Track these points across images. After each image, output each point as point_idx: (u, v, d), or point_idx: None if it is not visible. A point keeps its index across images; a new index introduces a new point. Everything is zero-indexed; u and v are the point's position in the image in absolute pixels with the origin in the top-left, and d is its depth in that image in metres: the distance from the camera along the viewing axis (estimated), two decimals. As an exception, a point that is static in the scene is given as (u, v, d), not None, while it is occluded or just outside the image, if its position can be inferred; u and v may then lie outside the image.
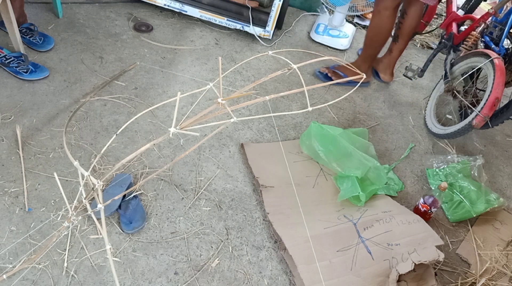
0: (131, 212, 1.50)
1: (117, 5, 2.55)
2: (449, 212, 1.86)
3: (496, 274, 1.67)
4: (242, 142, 1.91)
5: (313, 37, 2.73)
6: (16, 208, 1.47)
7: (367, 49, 2.29)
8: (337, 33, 2.73)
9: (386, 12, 2.08)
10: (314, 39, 2.72)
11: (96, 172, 1.64)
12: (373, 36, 2.22)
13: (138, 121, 1.87)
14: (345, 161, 1.81)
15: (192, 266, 1.45)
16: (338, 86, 2.41)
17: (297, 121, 2.12)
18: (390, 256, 1.49)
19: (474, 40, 2.25)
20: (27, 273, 1.31)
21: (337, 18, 2.73)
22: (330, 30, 2.74)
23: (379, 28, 2.16)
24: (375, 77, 2.54)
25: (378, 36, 2.20)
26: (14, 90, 1.87)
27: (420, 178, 2.02)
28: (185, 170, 1.74)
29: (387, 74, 2.50)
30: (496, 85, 1.88)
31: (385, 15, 2.09)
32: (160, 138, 0.98)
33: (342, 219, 1.64)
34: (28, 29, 2.09)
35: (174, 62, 2.26)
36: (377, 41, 2.23)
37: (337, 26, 2.75)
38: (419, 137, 2.25)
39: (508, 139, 2.43)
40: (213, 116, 1.01)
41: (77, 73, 2.04)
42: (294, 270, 1.46)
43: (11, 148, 1.64)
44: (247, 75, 2.32)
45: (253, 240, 1.58)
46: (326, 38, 2.72)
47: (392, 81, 2.54)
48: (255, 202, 1.70)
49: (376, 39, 2.22)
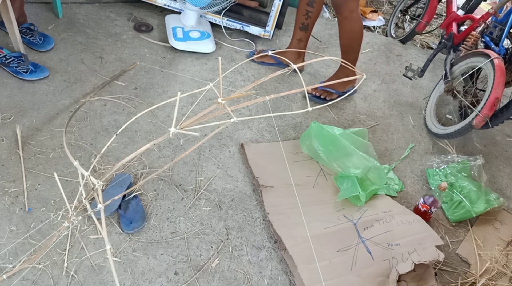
0: (131, 212, 1.50)
1: (117, 5, 2.55)
2: (449, 212, 1.86)
3: (496, 274, 1.67)
4: (242, 142, 1.91)
5: (174, 45, 2.26)
6: (16, 208, 1.47)
7: (348, 55, 2.15)
8: (197, 35, 2.29)
9: (353, 14, 1.99)
10: (176, 47, 2.26)
11: (96, 172, 1.64)
12: (349, 41, 2.11)
13: (138, 121, 1.87)
14: (345, 161, 1.81)
15: (192, 266, 1.45)
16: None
17: (297, 121, 2.12)
18: (390, 256, 1.49)
19: (474, 40, 2.25)
20: (27, 273, 1.31)
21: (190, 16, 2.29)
22: (190, 32, 2.29)
23: (352, 32, 2.06)
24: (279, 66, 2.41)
25: (354, 40, 2.10)
26: (14, 90, 1.87)
27: (420, 178, 2.02)
28: (185, 170, 1.74)
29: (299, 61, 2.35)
30: (496, 85, 1.88)
31: (354, 17, 2.00)
32: (160, 138, 0.98)
33: (342, 219, 1.64)
34: (28, 29, 2.09)
35: (174, 62, 2.26)
36: (355, 45, 2.13)
37: (194, 26, 2.32)
38: (419, 137, 2.25)
39: (508, 139, 2.43)
40: (213, 116, 1.01)
41: (77, 73, 2.04)
42: (294, 270, 1.46)
43: (11, 148, 1.64)
44: (247, 75, 2.32)
45: (253, 240, 1.58)
46: (191, 44, 2.26)
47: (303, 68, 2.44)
48: (255, 202, 1.70)
49: (353, 43, 2.12)
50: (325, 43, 2.77)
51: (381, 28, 3.33)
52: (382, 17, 3.42)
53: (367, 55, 2.77)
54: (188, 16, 2.32)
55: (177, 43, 2.26)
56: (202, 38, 2.31)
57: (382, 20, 3.38)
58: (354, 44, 2.12)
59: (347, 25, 2.03)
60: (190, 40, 2.27)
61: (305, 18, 2.18)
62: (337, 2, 2.00)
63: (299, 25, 2.22)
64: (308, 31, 2.25)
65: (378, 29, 3.31)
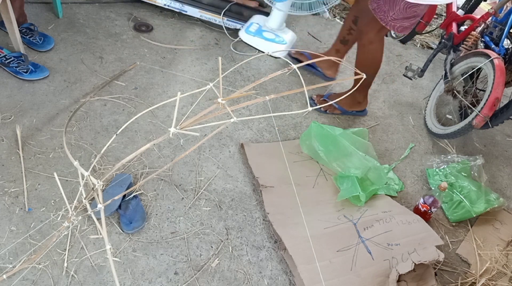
0: (131, 212, 1.50)
1: (117, 5, 2.55)
2: (449, 212, 1.86)
3: (496, 274, 1.67)
4: (242, 142, 1.91)
5: (241, 36, 2.31)
6: (16, 208, 1.47)
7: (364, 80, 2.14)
8: (271, 36, 2.29)
9: (371, 45, 1.94)
10: (242, 38, 2.31)
11: (96, 172, 1.64)
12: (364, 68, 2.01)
13: (138, 121, 1.87)
14: (345, 161, 1.81)
15: (192, 266, 1.45)
16: (338, 86, 2.41)
17: (297, 121, 2.12)
18: (390, 256, 1.49)
19: (474, 40, 2.25)
20: (27, 273, 1.31)
21: (274, 18, 2.30)
22: (264, 32, 2.31)
23: (366, 60, 2.01)
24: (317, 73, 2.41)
25: (370, 67, 2.04)
26: (14, 90, 1.87)
27: (420, 178, 2.02)
28: (185, 170, 1.74)
29: (332, 70, 2.39)
30: (496, 85, 1.88)
31: (371, 48, 1.95)
32: (160, 138, 0.98)
33: (342, 219, 1.64)
34: (28, 29, 2.09)
35: (174, 62, 2.26)
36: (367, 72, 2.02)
37: (274, 29, 2.34)
38: (419, 137, 2.25)
39: (508, 139, 2.43)
40: (213, 116, 1.01)
41: (77, 73, 2.04)
42: (294, 270, 1.46)
43: (11, 148, 1.64)
44: (247, 75, 2.32)
45: (253, 240, 1.58)
46: (257, 40, 2.30)
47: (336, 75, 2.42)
48: (255, 202, 1.70)
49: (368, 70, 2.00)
50: (325, 43, 2.77)
51: (381, 28, 3.33)
52: (382, 17, 3.41)
53: (367, 55, 2.77)
54: (272, 18, 2.31)
55: (245, 35, 2.29)
56: (273, 41, 2.29)
57: (382, 20, 3.38)
58: (369, 70, 2.06)
59: (363, 53, 2.00)
60: (260, 37, 2.27)
61: (347, 33, 2.23)
62: (360, 28, 2.01)
63: (341, 38, 2.27)
64: (348, 46, 2.29)
65: (378, 29, 3.31)
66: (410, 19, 1.79)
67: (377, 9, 1.80)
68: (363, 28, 1.95)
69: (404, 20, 1.79)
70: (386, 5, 1.77)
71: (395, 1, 1.73)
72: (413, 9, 1.75)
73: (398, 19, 1.78)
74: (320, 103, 2.21)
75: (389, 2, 1.75)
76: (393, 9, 1.76)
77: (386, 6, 1.77)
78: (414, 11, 1.76)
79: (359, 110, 2.23)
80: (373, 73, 2.11)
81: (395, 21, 1.79)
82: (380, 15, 1.80)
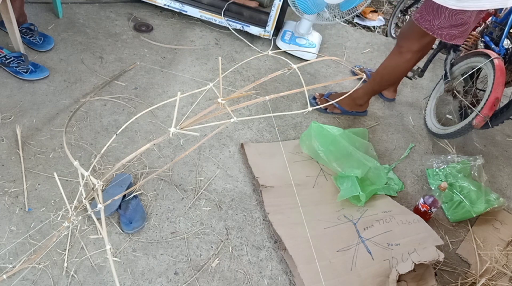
0: (131, 212, 1.50)
1: (117, 5, 2.55)
2: (449, 212, 1.86)
3: (496, 274, 1.67)
4: (242, 142, 1.91)
5: (278, 45, 2.56)
6: (16, 208, 1.47)
7: (374, 85, 2.11)
8: (303, 41, 2.58)
9: (408, 55, 1.91)
10: (279, 47, 2.56)
11: (96, 172, 1.64)
12: (386, 75, 2.05)
13: (138, 121, 1.87)
14: (345, 161, 1.81)
15: (192, 266, 1.45)
16: (338, 86, 2.41)
17: (297, 121, 2.12)
18: (390, 256, 1.49)
19: (474, 40, 2.25)
20: (27, 273, 1.31)
21: (303, 26, 2.56)
22: (297, 38, 2.58)
23: (395, 68, 2.00)
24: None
25: (391, 76, 2.05)
26: (14, 90, 1.87)
27: (420, 178, 2.02)
28: (185, 170, 1.74)
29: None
30: (496, 85, 1.88)
31: (407, 57, 1.92)
32: (160, 138, 0.98)
33: (342, 219, 1.64)
34: (28, 29, 2.09)
35: (174, 62, 2.26)
36: (388, 80, 2.09)
37: (303, 34, 2.59)
38: (419, 137, 2.25)
39: (508, 139, 2.43)
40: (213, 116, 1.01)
41: (77, 73, 2.04)
42: (294, 270, 1.46)
43: (11, 148, 1.64)
44: (247, 75, 2.32)
45: (253, 240, 1.58)
46: (293, 47, 2.58)
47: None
48: (255, 202, 1.70)
49: (388, 78, 2.07)
50: (325, 43, 2.77)
51: (381, 28, 3.33)
52: (382, 17, 3.41)
53: (367, 55, 2.77)
54: (301, 25, 2.57)
55: (281, 43, 2.57)
56: (305, 46, 2.59)
57: (382, 20, 3.38)
58: (388, 78, 2.07)
59: (396, 60, 1.97)
60: (294, 44, 2.57)
61: None
62: (402, 34, 1.96)
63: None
64: None
65: (378, 29, 3.31)
66: (458, 27, 1.73)
67: (420, 19, 1.76)
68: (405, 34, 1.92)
69: (452, 28, 1.73)
70: (430, 15, 1.73)
71: (439, 9, 1.69)
72: (459, 15, 1.69)
73: (445, 27, 1.73)
74: (322, 102, 2.21)
75: (433, 11, 1.71)
76: (439, 17, 1.71)
77: (430, 15, 1.73)
78: (461, 18, 1.69)
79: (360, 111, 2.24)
80: (387, 83, 2.10)
81: (442, 29, 1.74)
82: (426, 25, 1.76)
